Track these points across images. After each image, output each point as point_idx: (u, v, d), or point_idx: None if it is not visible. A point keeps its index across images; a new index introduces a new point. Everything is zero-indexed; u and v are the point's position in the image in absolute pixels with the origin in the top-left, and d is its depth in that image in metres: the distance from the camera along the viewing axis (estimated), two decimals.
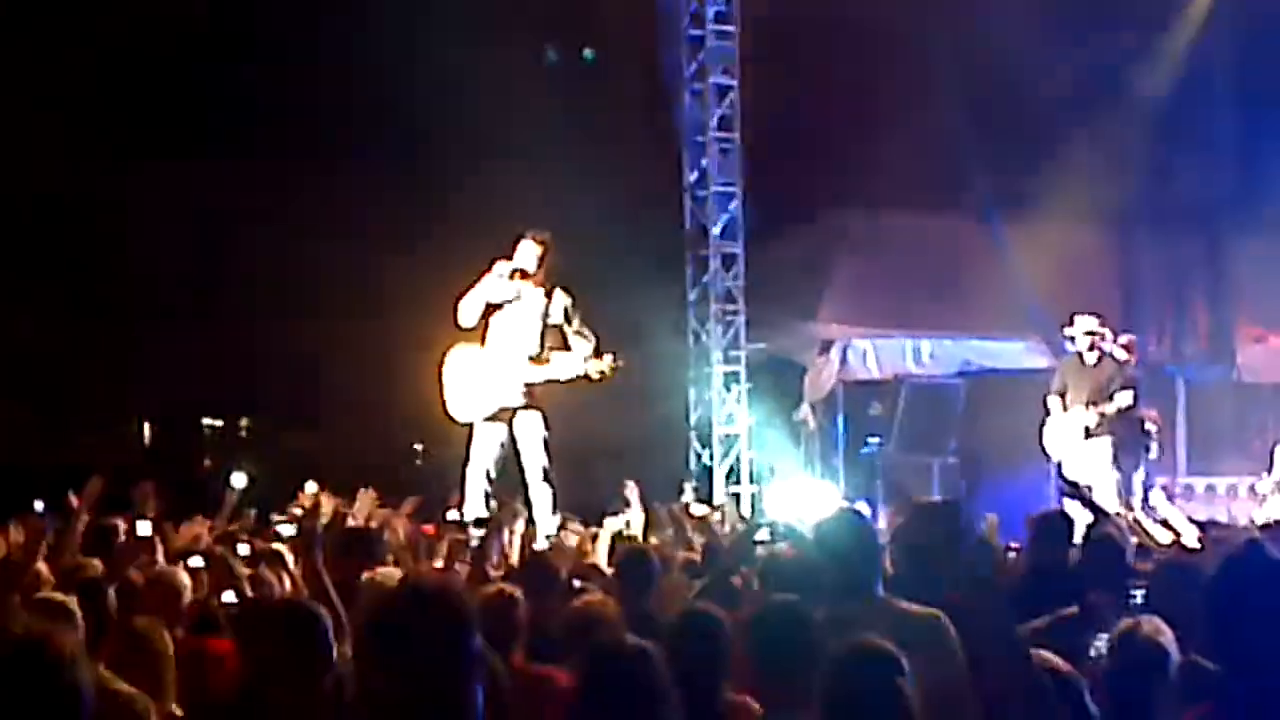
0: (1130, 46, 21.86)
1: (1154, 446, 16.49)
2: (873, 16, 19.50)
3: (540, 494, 12.40)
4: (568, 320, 12.49)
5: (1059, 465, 15.84)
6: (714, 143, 20.15)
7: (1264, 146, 20.89)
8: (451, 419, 12.75)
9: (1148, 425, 16.23)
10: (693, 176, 20.29)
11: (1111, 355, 16.13)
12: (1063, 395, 16.04)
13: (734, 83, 20.12)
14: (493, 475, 12.58)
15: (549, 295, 12.52)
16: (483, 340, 12.61)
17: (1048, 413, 16.15)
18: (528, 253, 12.53)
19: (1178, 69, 21.75)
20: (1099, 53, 21.21)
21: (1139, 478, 15.97)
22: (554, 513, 12.36)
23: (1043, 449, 16.24)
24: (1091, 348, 16.00)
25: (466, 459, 12.72)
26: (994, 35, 19.23)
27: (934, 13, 19.89)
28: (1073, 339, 16.18)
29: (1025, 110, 20.23)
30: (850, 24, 19.54)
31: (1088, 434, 15.70)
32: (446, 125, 18.75)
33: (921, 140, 19.43)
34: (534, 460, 12.50)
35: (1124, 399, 15.66)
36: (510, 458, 12.63)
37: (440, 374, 12.71)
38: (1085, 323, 16.07)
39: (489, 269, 12.49)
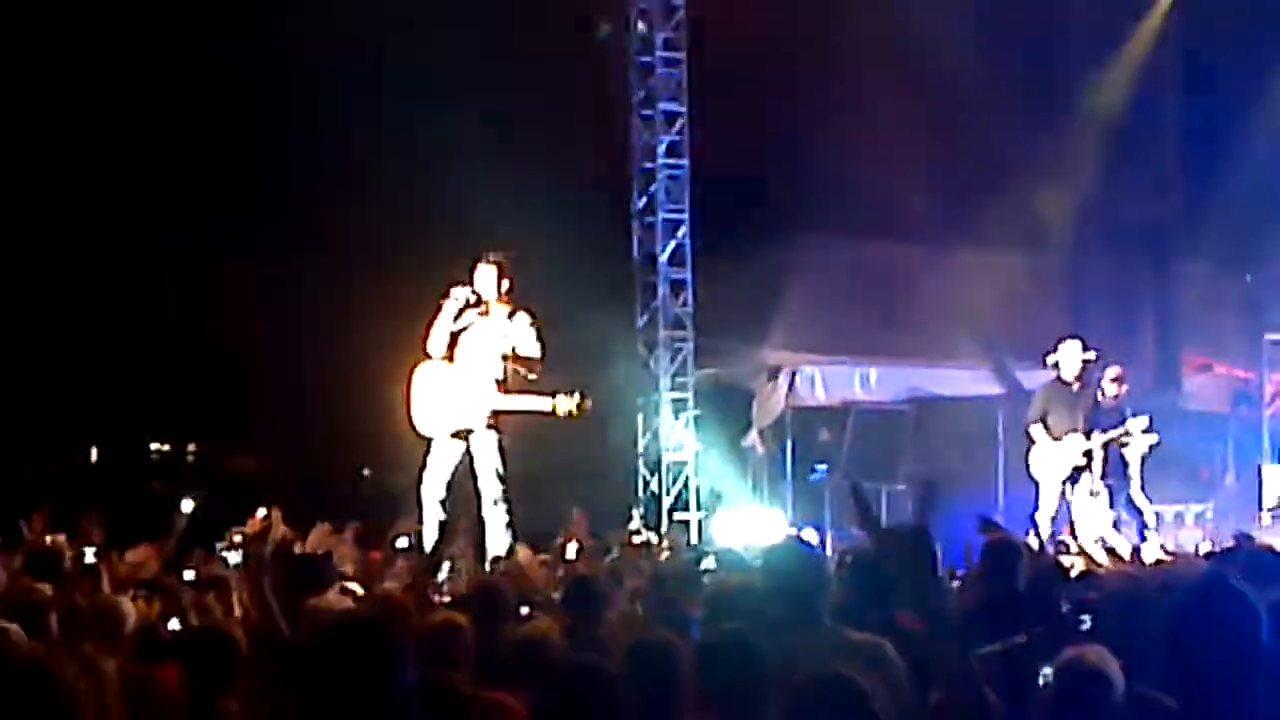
0: (1078, 72, 22.03)
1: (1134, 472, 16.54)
2: (821, 44, 19.56)
3: (494, 518, 12.37)
4: (524, 341, 12.42)
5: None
6: (662, 169, 20.15)
7: (1210, 172, 21.04)
8: (415, 430, 12.71)
9: (1125, 453, 16.15)
10: (641, 203, 20.29)
11: (1100, 386, 16.07)
12: (1044, 421, 15.97)
13: (682, 109, 20.14)
14: (445, 500, 12.53)
15: (511, 316, 12.49)
16: (450, 357, 12.58)
17: (1031, 441, 16.05)
18: (486, 278, 12.50)
19: (1126, 94, 21.91)
20: (1047, 78, 21.35)
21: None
22: (506, 537, 12.32)
23: (1029, 475, 16.15)
24: (1079, 375, 15.91)
25: (421, 475, 12.68)
26: (943, 63, 19.34)
27: (883, 41, 19.97)
28: (1057, 365, 16.07)
29: (973, 136, 20.31)
30: (798, 52, 19.59)
31: (1090, 459, 15.64)
32: (399, 151, 18.68)
33: (870, 167, 19.49)
34: (489, 485, 12.47)
35: (1138, 424, 15.63)
36: (465, 479, 12.60)
37: (408, 386, 12.68)
38: (1075, 349, 15.98)
39: (447, 294, 12.45)
